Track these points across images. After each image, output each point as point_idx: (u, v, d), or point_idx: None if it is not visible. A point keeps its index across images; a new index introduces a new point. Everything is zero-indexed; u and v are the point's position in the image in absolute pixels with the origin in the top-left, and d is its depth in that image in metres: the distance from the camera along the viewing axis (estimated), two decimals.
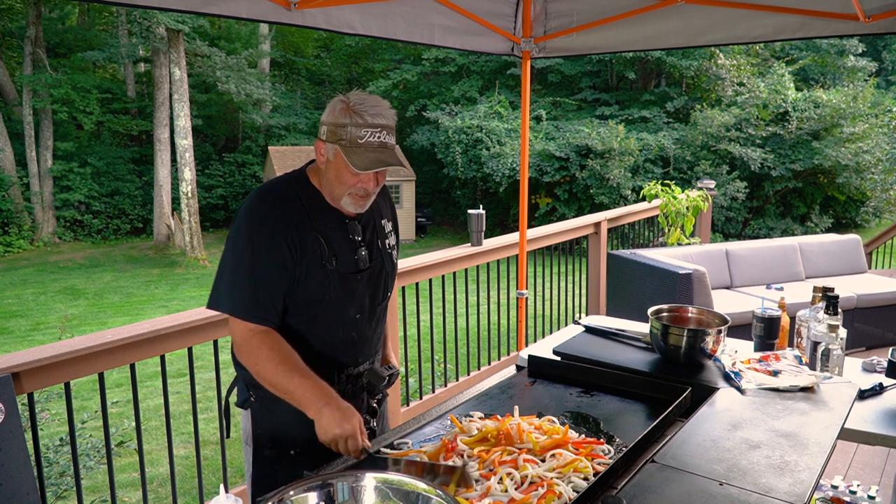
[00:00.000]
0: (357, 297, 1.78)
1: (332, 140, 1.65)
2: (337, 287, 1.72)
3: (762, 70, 22.55)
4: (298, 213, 1.69)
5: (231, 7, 2.45)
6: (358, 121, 1.61)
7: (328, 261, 1.70)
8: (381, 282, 1.84)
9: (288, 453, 1.75)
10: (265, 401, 1.74)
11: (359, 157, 1.61)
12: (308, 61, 30.80)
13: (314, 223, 1.70)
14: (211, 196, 25.17)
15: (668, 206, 6.28)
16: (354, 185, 1.67)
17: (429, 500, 1.22)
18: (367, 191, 1.69)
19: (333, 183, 1.69)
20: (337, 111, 1.64)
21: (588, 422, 1.72)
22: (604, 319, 2.70)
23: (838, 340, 2.21)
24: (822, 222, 20.72)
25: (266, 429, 1.77)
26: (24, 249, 21.73)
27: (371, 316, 1.84)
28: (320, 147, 1.69)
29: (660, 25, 3.41)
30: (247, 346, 1.66)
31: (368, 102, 1.64)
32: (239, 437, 3.15)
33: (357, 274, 1.77)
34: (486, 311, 5.03)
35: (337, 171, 1.67)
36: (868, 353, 4.35)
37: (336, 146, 1.64)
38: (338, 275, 1.72)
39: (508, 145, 20.59)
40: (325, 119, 1.67)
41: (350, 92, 1.70)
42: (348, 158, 1.62)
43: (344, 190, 1.68)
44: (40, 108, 22.36)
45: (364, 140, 1.61)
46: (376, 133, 1.62)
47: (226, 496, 1.28)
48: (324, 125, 1.68)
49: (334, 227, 1.74)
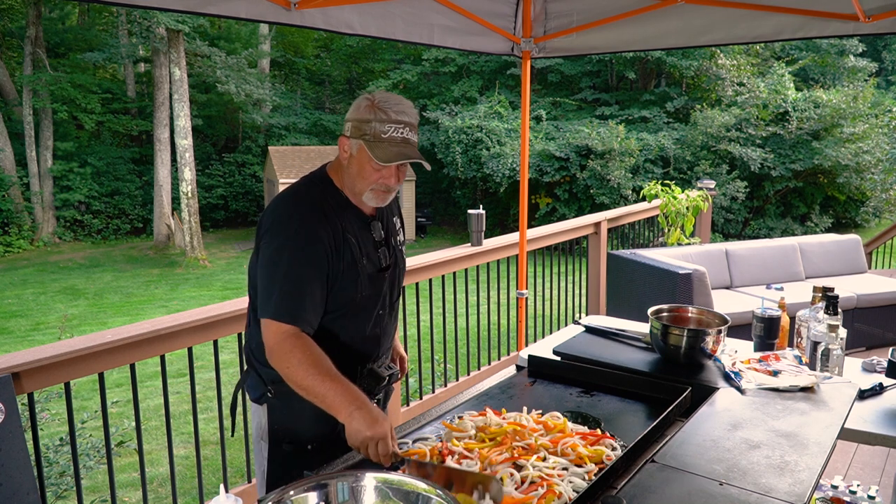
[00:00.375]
0: (382, 295, 1.84)
1: (356, 136, 1.70)
2: (367, 286, 1.77)
3: (762, 70, 22.55)
4: (330, 215, 1.73)
5: (231, 7, 2.45)
6: (382, 116, 1.67)
7: (359, 260, 1.75)
8: (396, 278, 1.91)
9: (305, 448, 1.77)
10: (284, 396, 1.74)
11: (382, 151, 1.67)
12: (308, 61, 30.81)
13: (344, 224, 1.74)
14: (211, 196, 25.18)
15: (668, 206, 6.28)
16: (377, 181, 1.72)
17: (429, 500, 1.22)
18: (388, 186, 1.74)
19: (356, 178, 1.73)
20: (362, 108, 1.70)
21: (588, 422, 1.72)
22: (604, 319, 2.70)
23: (838, 340, 2.21)
24: (822, 222, 20.72)
25: (284, 424, 1.79)
26: (24, 249, 21.73)
27: (391, 311, 1.91)
28: (344, 143, 1.74)
29: (660, 25, 3.41)
30: (279, 349, 1.65)
31: (393, 100, 1.70)
32: (240, 437, 3.15)
33: (382, 272, 1.82)
34: (486, 311, 5.03)
35: (360, 165, 1.71)
36: (868, 353, 4.35)
37: (360, 141, 1.69)
38: (367, 274, 1.77)
39: (508, 145, 20.59)
40: (350, 116, 1.73)
41: (375, 91, 1.76)
42: (371, 152, 1.67)
43: (366, 185, 1.73)
44: (40, 108, 22.37)
45: (387, 135, 1.67)
46: (400, 129, 1.68)
47: (226, 496, 1.28)
48: (348, 122, 1.73)
49: (360, 227, 1.79)
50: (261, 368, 1.79)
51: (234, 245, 23.14)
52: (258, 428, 1.84)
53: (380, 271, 1.81)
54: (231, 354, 4.08)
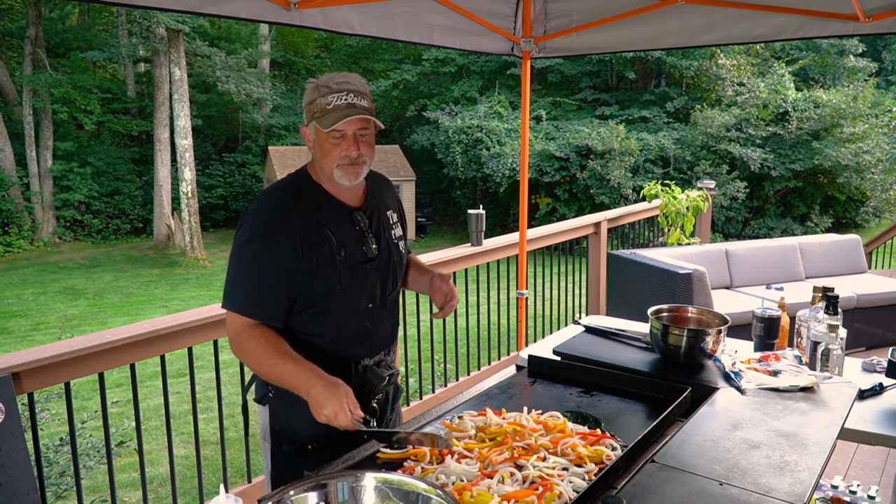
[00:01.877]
0: (368, 287, 1.82)
1: (309, 119, 1.72)
2: (347, 277, 1.75)
3: (762, 70, 22.54)
4: (303, 208, 1.72)
5: (230, 7, 2.45)
6: (324, 91, 1.69)
7: (336, 252, 1.73)
8: (389, 271, 1.88)
9: (306, 448, 1.77)
10: (284, 396, 1.75)
11: (328, 119, 1.67)
12: (308, 61, 30.80)
13: (320, 216, 1.73)
14: (211, 196, 25.17)
15: (668, 206, 6.28)
16: (339, 155, 1.71)
17: (429, 500, 1.22)
18: (350, 157, 1.71)
19: (321, 160, 1.74)
20: (308, 91, 1.73)
21: (588, 422, 1.72)
22: (604, 319, 2.70)
23: (838, 340, 2.21)
24: (822, 222, 20.72)
25: (284, 424, 1.79)
26: (24, 249, 21.73)
27: (383, 306, 1.88)
28: (304, 133, 1.77)
29: (660, 25, 3.41)
30: (236, 340, 1.69)
31: (335, 76, 1.71)
32: (239, 437, 3.15)
33: (366, 264, 1.80)
34: (486, 311, 5.03)
35: (320, 145, 1.72)
36: (868, 353, 4.35)
37: (313, 123, 1.71)
38: (346, 265, 1.75)
39: (508, 145, 20.58)
40: (303, 104, 1.75)
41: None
42: (320, 124, 1.68)
43: (332, 162, 1.72)
44: (40, 108, 22.36)
45: (332, 105, 1.67)
46: (342, 96, 1.68)
47: (226, 496, 1.28)
48: (304, 112, 1.75)
49: (340, 219, 1.77)
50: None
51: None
52: (262, 428, 1.85)
53: (363, 263, 1.79)
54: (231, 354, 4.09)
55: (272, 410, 1.81)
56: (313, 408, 1.54)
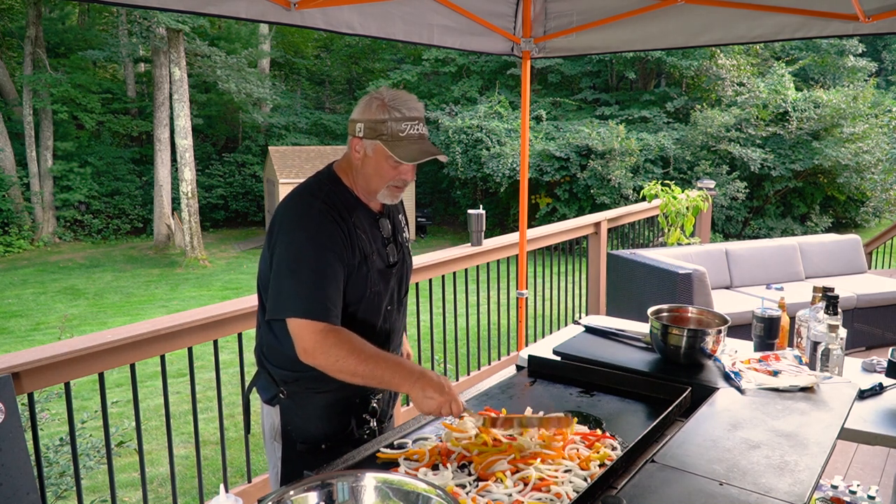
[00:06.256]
0: (390, 290, 1.85)
1: (371, 136, 1.70)
2: (377, 281, 1.79)
3: (762, 70, 22.55)
4: (342, 212, 1.74)
5: (231, 7, 2.45)
6: (396, 115, 1.68)
7: (370, 256, 1.76)
8: (403, 274, 1.91)
9: (319, 447, 1.78)
10: (297, 396, 1.77)
11: (403, 150, 1.68)
12: (308, 61, 30.81)
13: (355, 221, 1.76)
14: (211, 196, 25.18)
15: (668, 206, 6.28)
16: (394, 178, 1.74)
17: (429, 500, 1.22)
18: (405, 182, 1.76)
19: (372, 177, 1.74)
20: (374, 108, 1.70)
21: (588, 422, 1.72)
22: (604, 319, 2.70)
23: (838, 340, 2.21)
24: (822, 222, 20.72)
25: (297, 424, 1.80)
26: (24, 249, 21.73)
27: (399, 307, 1.92)
28: (357, 144, 1.73)
29: (660, 25, 3.41)
30: (322, 346, 1.64)
31: (402, 97, 1.71)
32: (239, 437, 3.15)
33: (391, 268, 1.84)
34: (486, 311, 5.03)
35: (377, 165, 1.72)
36: (868, 353, 4.35)
37: (376, 142, 1.70)
38: (376, 269, 1.79)
39: (508, 145, 20.58)
40: (361, 116, 1.72)
41: (380, 89, 1.76)
42: (393, 152, 1.68)
43: (383, 183, 1.74)
44: (40, 108, 22.36)
45: (405, 133, 1.68)
46: (415, 125, 1.70)
47: (226, 496, 1.28)
48: (359, 122, 1.72)
49: (370, 224, 1.80)
50: (273, 369, 1.79)
51: (234, 245, 23.14)
52: (270, 429, 1.84)
53: (388, 267, 1.83)
54: (231, 354, 4.09)
55: (283, 411, 1.81)
56: (422, 402, 1.57)
